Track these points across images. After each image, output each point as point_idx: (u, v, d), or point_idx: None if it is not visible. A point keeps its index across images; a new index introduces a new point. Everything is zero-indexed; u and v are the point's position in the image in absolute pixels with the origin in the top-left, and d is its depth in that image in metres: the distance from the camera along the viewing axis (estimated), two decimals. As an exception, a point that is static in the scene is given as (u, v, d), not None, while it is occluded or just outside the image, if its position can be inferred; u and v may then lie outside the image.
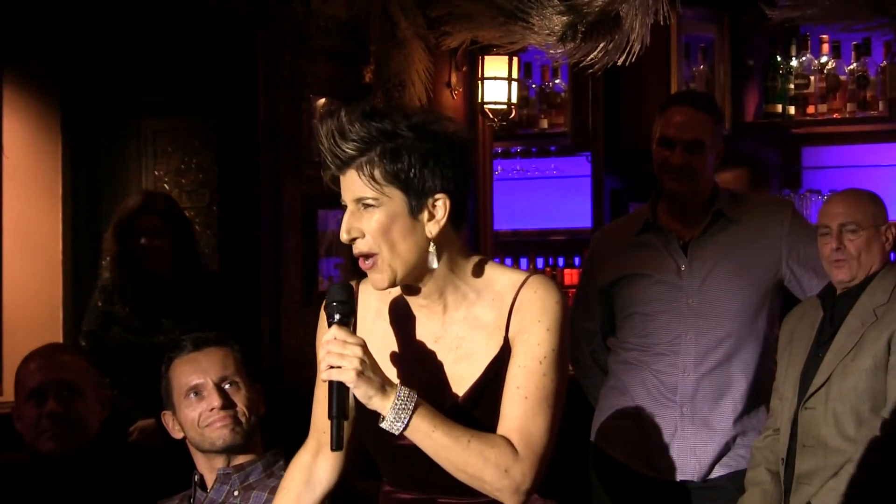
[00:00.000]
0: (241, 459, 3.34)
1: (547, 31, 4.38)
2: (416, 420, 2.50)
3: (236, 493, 3.31)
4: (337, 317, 2.54)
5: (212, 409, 3.31)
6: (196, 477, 3.39)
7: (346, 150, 2.54)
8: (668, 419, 4.22)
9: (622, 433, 4.30)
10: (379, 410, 2.50)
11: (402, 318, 2.70)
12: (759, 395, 4.21)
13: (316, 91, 5.77)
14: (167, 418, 3.44)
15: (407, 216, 2.56)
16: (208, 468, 3.36)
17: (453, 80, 6.55)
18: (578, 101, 6.89)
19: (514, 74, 6.69)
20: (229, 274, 5.65)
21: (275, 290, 5.62)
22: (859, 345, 3.80)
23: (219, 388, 3.34)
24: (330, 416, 2.51)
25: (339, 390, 2.50)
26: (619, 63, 4.31)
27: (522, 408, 2.57)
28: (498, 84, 6.65)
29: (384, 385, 2.50)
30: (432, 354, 2.65)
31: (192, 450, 3.39)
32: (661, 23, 4.26)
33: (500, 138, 7.18)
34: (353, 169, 2.55)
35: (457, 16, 5.82)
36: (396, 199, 2.55)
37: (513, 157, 7.74)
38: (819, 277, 4.11)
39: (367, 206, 2.55)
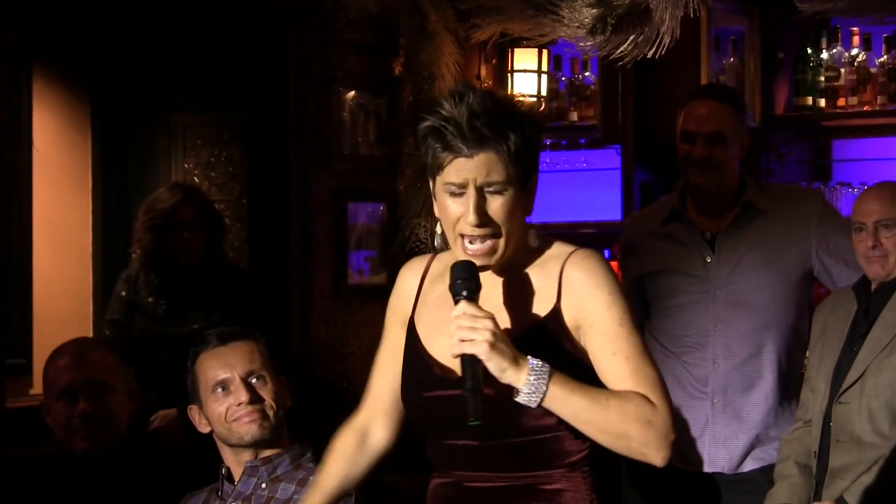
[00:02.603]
0: (268, 452, 3.35)
1: (577, 24, 4.38)
2: (552, 388, 2.49)
3: (264, 485, 3.31)
4: (465, 293, 2.54)
5: (239, 404, 3.32)
6: (223, 470, 3.39)
7: (489, 131, 2.55)
8: (700, 411, 4.22)
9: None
10: (513, 384, 2.49)
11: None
12: (789, 387, 4.20)
13: (345, 84, 5.77)
14: (193, 412, 3.44)
15: (523, 196, 2.63)
16: (235, 461, 3.36)
17: (483, 72, 6.54)
18: (608, 93, 6.86)
19: (544, 67, 6.66)
20: (259, 267, 5.66)
21: (304, 283, 5.63)
22: (895, 340, 3.78)
23: (246, 382, 3.34)
24: (464, 391, 2.49)
25: (471, 363, 2.49)
26: (649, 56, 4.30)
27: (629, 367, 2.56)
28: (527, 77, 6.63)
29: (517, 357, 2.49)
30: None
31: (219, 443, 3.40)
32: (691, 15, 4.25)
33: (530, 131, 7.16)
34: (492, 151, 2.56)
35: (486, 8, 5.81)
36: (518, 181, 2.60)
37: (542, 149, 7.73)
38: (849, 268, 4.08)
39: (496, 190, 2.58)
